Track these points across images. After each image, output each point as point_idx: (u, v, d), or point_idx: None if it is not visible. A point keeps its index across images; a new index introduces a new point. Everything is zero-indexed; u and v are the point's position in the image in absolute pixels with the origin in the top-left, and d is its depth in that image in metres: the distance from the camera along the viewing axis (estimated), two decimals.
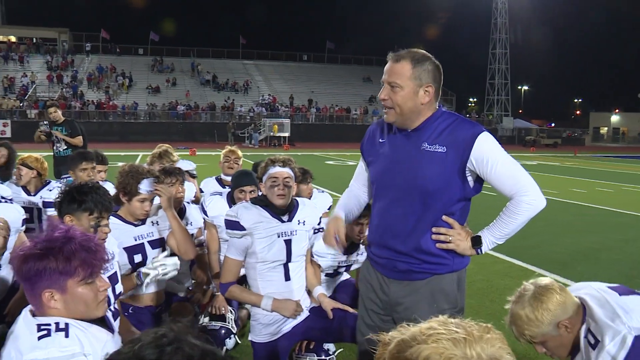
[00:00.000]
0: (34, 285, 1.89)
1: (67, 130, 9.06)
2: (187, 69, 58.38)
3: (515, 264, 7.29)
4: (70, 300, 1.93)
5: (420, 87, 2.51)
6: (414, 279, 2.63)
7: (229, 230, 3.33)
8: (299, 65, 64.72)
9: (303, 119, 50.20)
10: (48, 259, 1.88)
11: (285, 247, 3.32)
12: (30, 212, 5.13)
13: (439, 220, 2.56)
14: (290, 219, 3.37)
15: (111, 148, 32.03)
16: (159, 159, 5.26)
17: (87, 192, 2.91)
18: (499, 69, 69.47)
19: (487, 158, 2.45)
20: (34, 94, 47.33)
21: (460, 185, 2.52)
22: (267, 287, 3.34)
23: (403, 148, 2.60)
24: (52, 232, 1.94)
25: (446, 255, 2.60)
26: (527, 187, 2.48)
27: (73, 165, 5.07)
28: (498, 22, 68.35)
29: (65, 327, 1.88)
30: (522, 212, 2.49)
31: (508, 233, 2.57)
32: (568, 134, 60.26)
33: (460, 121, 2.56)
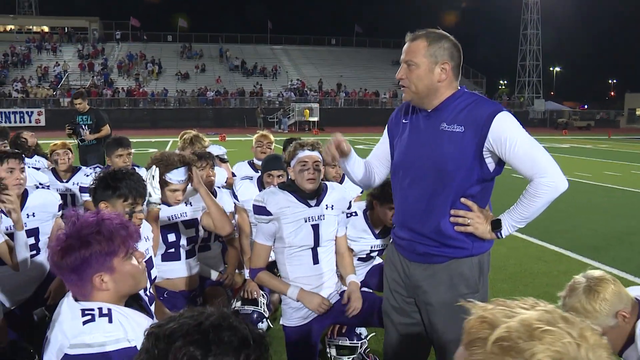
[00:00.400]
0: (83, 274, 1.90)
1: (92, 119, 9.07)
2: (215, 55, 58.62)
3: (548, 248, 7.20)
4: (120, 278, 1.95)
5: (436, 64, 2.49)
6: (433, 262, 2.61)
7: (256, 216, 3.34)
8: (328, 49, 64.44)
9: (332, 104, 50.06)
10: (91, 244, 1.89)
11: (313, 232, 3.31)
12: (64, 198, 5.23)
13: (457, 203, 2.52)
14: (318, 204, 3.35)
15: (142, 134, 32.48)
16: (190, 145, 5.29)
17: (121, 178, 2.91)
18: (530, 50, 68.32)
19: (506, 138, 2.39)
20: (66, 82, 48.09)
21: (478, 166, 2.47)
22: (295, 271, 3.35)
23: (423, 128, 2.59)
24: (84, 219, 1.95)
25: (465, 238, 2.55)
26: (546, 168, 2.40)
27: (109, 152, 5.14)
28: (529, 1, 67.07)
29: (108, 313, 1.90)
30: (542, 194, 2.41)
31: (528, 216, 2.49)
32: (602, 116, 59.05)
33: (479, 101, 2.53)
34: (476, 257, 2.60)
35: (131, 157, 5.26)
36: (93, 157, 8.74)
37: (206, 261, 4.24)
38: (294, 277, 3.35)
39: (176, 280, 3.78)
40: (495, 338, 1.05)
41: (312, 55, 62.21)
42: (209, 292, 4.11)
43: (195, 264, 3.92)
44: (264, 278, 3.41)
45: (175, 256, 3.78)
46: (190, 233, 3.81)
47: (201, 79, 52.70)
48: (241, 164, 5.63)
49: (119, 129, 34.44)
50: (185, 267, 3.82)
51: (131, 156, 5.26)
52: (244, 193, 4.41)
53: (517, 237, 7.67)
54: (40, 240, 3.96)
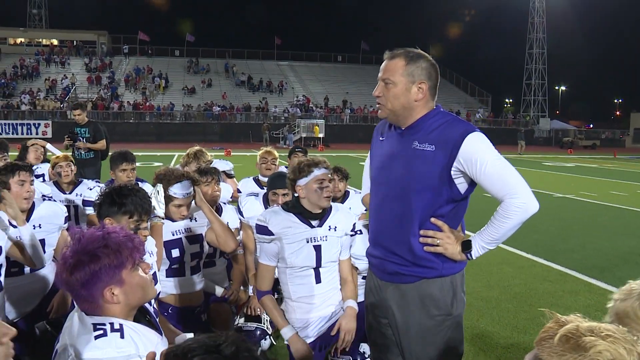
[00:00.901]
0: (93, 288, 1.90)
1: (90, 132, 8.90)
2: (222, 70, 58.94)
3: (553, 267, 7.15)
4: (129, 290, 1.96)
5: (413, 83, 2.50)
6: (403, 282, 2.58)
7: (258, 235, 3.33)
8: (334, 66, 64.75)
9: (337, 120, 50.18)
10: (100, 258, 1.89)
11: (315, 253, 3.29)
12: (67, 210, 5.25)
13: (427, 222, 2.49)
14: (321, 225, 3.34)
15: (147, 148, 32.59)
16: (194, 159, 5.30)
17: (127, 194, 2.91)
18: (535, 69, 68.44)
19: (476, 158, 2.37)
20: (74, 95, 48.38)
21: (447, 186, 2.45)
22: (298, 290, 3.33)
23: (397, 146, 2.59)
24: (90, 234, 1.96)
25: (435, 259, 2.51)
26: (517, 189, 2.37)
27: (113, 165, 5.15)
28: (535, 21, 67.32)
29: (120, 328, 1.90)
30: (512, 215, 2.38)
31: (498, 237, 2.46)
32: (607, 135, 58.98)
33: (452, 121, 2.50)
34: (447, 278, 2.55)
35: (135, 172, 5.25)
36: (90, 170, 8.62)
37: (211, 277, 4.23)
38: (296, 297, 3.33)
39: (180, 296, 3.76)
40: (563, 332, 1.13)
41: (319, 71, 62.51)
42: (214, 308, 4.09)
43: (199, 280, 3.91)
44: (267, 304, 3.37)
45: (179, 272, 3.77)
46: (194, 248, 3.80)
47: (207, 93, 52.94)
48: (247, 180, 5.63)
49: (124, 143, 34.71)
50: (189, 283, 3.81)
51: (135, 171, 5.25)
52: (249, 210, 4.41)
53: (522, 257, 7.64)
54: (45, 252, 3.96)
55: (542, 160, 31.65)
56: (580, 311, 4.48)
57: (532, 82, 68.56)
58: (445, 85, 63.25)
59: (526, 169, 24.34)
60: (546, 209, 12.33)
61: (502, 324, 5.07)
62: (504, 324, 5.06)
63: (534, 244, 8.40)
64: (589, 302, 5.69)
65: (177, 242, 3.71)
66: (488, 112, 57.43)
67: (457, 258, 2.50)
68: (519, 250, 8.01)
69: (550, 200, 13.79)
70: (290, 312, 3.39)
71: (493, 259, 7.46)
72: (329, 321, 3.39)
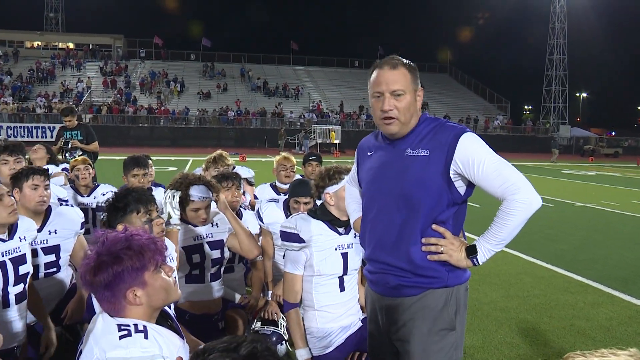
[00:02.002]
0: (115, 289, 1.96)
1: (82, 135, 8.90)
2: (237, 74, 59.27)
3: (574, 278, 7.09)
4: (152, 292, 2.01)
5: (415, 91, 2.49)
6: (406, 295, 2.51)
7: (285, 242, 3.35)
8: (350, 71, 64.82)
9: (354, 126, 50.19)
10: (123, 259, 1.95)
11: (342, 260, 3.33)
12: (85, 212, 5.30)
13: (429, 230, 2.44)
14: (347, 232, 3.38)
15: (162, 153, 32.79)
16: (214, 164, 5.33)
17: (125, 195, 3.01)
18: (556, 76, 68.00)
19: (473, 159, 2.34)
20: (89, 98, 48.89)
21: (447, 190, 2.41)
22: (322, 299, 3.36)
23: (388, 157, 2.55)
24: (113, 236, 2.01)
25: (439, 268, 2.45)
26: (517, 184, 2.32)
27: (125, 171, 5.19)
28: (556, 27, 66.91)
29: (144, 329, 1.95)
30: (516, 212, 2.31)
31: (504, 238, 2.38)
32: (630, 143, 58.38)
33: (443, 124, 2.48)
34: (452, 289, 2.49)
35: (147, 177, 5.24)
36: None
37: (229, 283, 4.25)
38: (319, 306, 3.36)
39: (199, 303, 3.77)
40: None
41: (335, 76, 62.61)
42: (230, 314, 4.11)
43: (219, 287, 3.93)
44: (292, 319, 3.37)
45: (199, 278, 3.78)
46: (215, 254, 3.82)
47: (223, 98, 53.22)
48: (264, 187, 5.65)
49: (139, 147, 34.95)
50: (209, 290, 3.83)
51: (147, 177, 5.23)
52: (269, 216, 4.43)
53: (542, 267, 7.58)
54: (61, 257, 4.01)
55: (562, 168, 31.37)
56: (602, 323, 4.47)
57: (552, 89, 68.11)
58: (463, 92, 63.04)
59: (546, 177, 24.17)
60: (567, 218, 12.25)
61: (522, 335, 5.04)
62: (524, 336, 5.02)
63: (555, 254, 8.34)
64: (611, 314, 5.63)
65: (198, 247, 3.74)
66: (507, 119, 57.09)
67: (463, 265, 2.44)
68: (538, 260, 7.96)
69: (571, 210, 13.68)
70: (311, 321, 3.40)
71: (512, 269, 7.41)
72: (349, 331, 3.41)
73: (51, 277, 4.00)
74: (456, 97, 60.47)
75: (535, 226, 10.94)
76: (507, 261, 7.82)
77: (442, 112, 52.68)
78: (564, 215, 12.58)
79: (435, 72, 66.22)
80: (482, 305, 5.84)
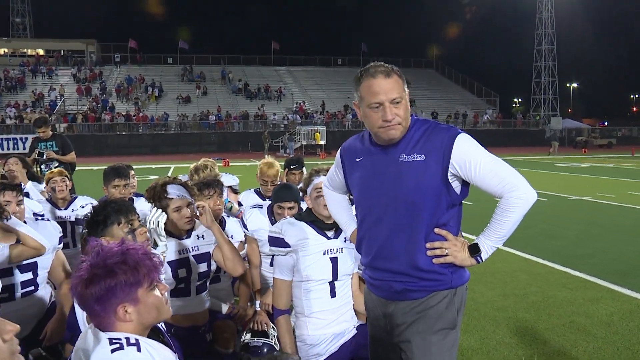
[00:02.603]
0: (106, 304, 1.94)
1: (57, 145, 8.73)
2: (217, 77, 59.17)
3: (572, 274, 7.13)
4: (143, 310, 1.99)
5: (407, 95, 2.56)
6: (412, 299, 2.59)
7: (273, 248, 3.36)
8: (334, 70, 64.97)
9: (339, 126, 50.25)
10: (117, 274, 1.93)
11: (331, 265, 3.32)
12: (63, 226, 5.25)
13: (432, 234, 2.52)
14: (337, 236, 3.37)
15: (142, 161, 32.65)
16: (196, 173, 5.29)
17: (103, 207, 2.99)
18: (545, 66, 68.52)
19: (469, 160, 2.43)
20: (62, 107, 48.52)
21: (446, 192, 2.49)
22: (312, 305, 3.34)
23: (381, 163, 2.58)
24: (109, 249, 2.00)
25: (444, 270, 2.54)
26: (514, 182, 2.44)
27: (106, 181, 5.14)
28: (543, 16, 67.40)
29: (136, 342, 1.94)
30: (514, 208, 2.43)
31: (505, 234, 2.50)
32: (624, 133, 58.92)
33: (434, 126, 2.54)
34: (455, 290, 2.59)
35: (128, 188, 5.21)
36: None
37: (216, 293, 4.22)
38: (309, 312, 3.35)
39: (185, 316, 3.73)
40: None
41: (318, 76, 62.73)
42: (218, 325, 4.08)
43: (206, 299, 3.89)
44: (281, 325, 3.38)
45: (185, 292, 3.74)
46: (202, 268, 3.78)
47: (203, 102, 53.13)
48: (248, 193, 5.59)
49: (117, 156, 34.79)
50: (195, 303, 3.79)
51: (128, 188, 5.20)
52: (253, 222, 4.40)
53: (538, 263, 7.62)
54: (38, 275, 3.93)
55: (555, 161, 31.64)
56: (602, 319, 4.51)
57: (542, 80, 68.62)
58: (450, 87, 63.37)
59: (538, 170, 24.33)
60: (562, 212, 12.33)
61: (520, 334, 5.05)
62: (522, 335, 5.04)
63: (550, 250, 8.39)
64: (612, 309, 5.67)
65: (184, 261, 3.69)
66: (496, 113, 57.47)
67: (467, 264, 2.54)
68: (534, 256, 8.01)
69: (566, 204, 13.79)
70: (302, 328, 3.39)
71: (507, 266, 7.45)
72: (342, 339, 3.39)
73: (29, 297, 3.92)
74: (443, 92, 60.74)
75: (529, 221, 10.99)
76: (502, 259, 7.85)
77: (430, 108, 52.94)
78: (558, 210, 12.67)
79: (421, 67, 66.49)
80: (479, 305, 5.86)
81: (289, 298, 3.42)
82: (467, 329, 5.12)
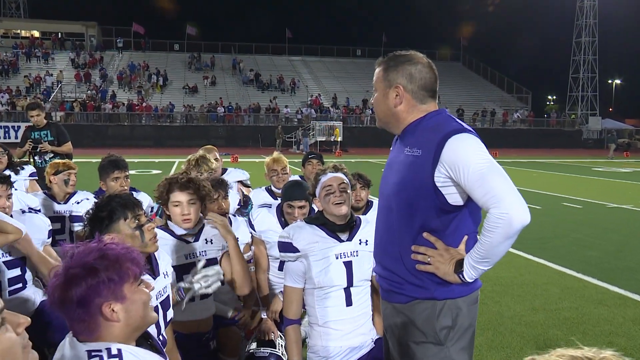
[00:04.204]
0: (91, 305, 1.89)
1: (52, 135, 8.57)
2: (227, 66, 59.36)
3: (609, 289, 7.04)
4: (131, 307, 1.94)
5: (389, 88, 2.62)
6: (394, 301, 2.66)
7: (282, 254, 3.37)
8: (352, 61, 65.06)
9: (357, 122, 50.25)
10: (98, 270, 1.88)
11: (346, 270, 3.30)
12: (61, 221, 5.25)
13: (420, 237, 2.52)
14: (350, 239, 3.35)
15: (144, 154, 32.81)
16: (196, 167, 5.27)
17: (107, 202, 2.95)
18: (584, 61, 68.11)
19: (458, 163, 2.37)
20: (59, 94, 48.83)
21: (434, 195, 2.44)
22: (326, 314, 3.33)
23: (393, 155, 2.75)
24: (85, 247, 1.96)
25: (425, 278, 2.52)
26: (499, 196, 2.29)
27: (104, 174, 5.13)
28: (585, 4, 66.90)
29: (118, 353, 1.89)
30: (494, 228, 2.30)
31: (486, 256, 2.37)
32: None
33: (443, 122, 2.52)
34: (443, 302, 2.53)
35: (129, 180, 5.23)
36: None
37: (220, 297, 4.21)
38: (323, 322, 3.34)
39: (188, 322, 3.73)
40: None
41: (335, 67, 62.82)
42: (222, 333, 4.09)
43: (211, 305, 3.89)
44: (289, 336, 3.38)
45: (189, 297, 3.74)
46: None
47: (211, 93, 53.32)
48: (258, 191, 5.61)
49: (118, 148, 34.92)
50: (199, 309, 3.78)
51: (128, 180, 5.23)
52: (261, 223, 4.40)
53: (572, 276, 7.55)
54: (27, 271, 3.95)
55: (592, 165, 31.36)
56: None
57: (580, 76, 68.23)
58: (478, 81, 63.11)
59: (573, 175, 24.17)
60: (599, 221, 12.21)
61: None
62: None
63: (586, 262, 8.31)
64: None
65: (190, 266, 3.68)
66: (528, 111, 57.15)
67: (450, 279, 2.49)
68: (567, 268, 7.93)
69: (604, 212, 13.64)
70: (315, 339, 3.39)
71: (537, 278, 7.39)
72: (358, 353, 3.36)
73: (17, 295, 3.94)
74: (471, 87, 60.59)
75: (562, 230, 10.95)
76: (531, 270, 7.79)
77: (455, 104, 52.73)
78: (595, 218, 12.53)
79: (447, 60, 66.34)
80: (504, 319, 5.81)
81: (299, 307, 3.41)
82: (491, 345, 5.08)
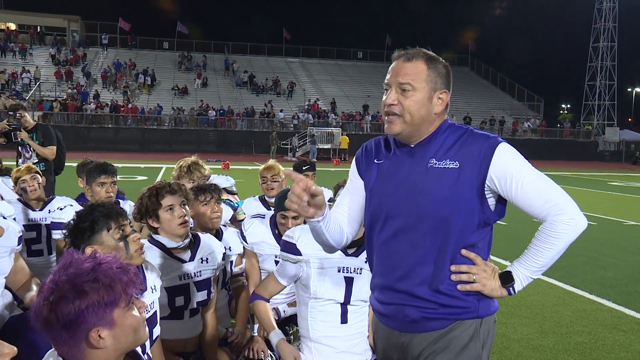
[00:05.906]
0: (77, 330, 1.87)
1: (38, 137, 8.48)
2: (220, 67, 59.43)
3: (626, 313, 7.04)
4: (119, 334, 1.94)
5: (435, 91, 2.50)
6: (430, 329, 2.53)
7: (283, 252, 3.41)
8: (353, 64, 65.23)
9: (357, 128, 50.29)
10: (88, 293, 1.86)
11: (345, 286, 3.32)
12: (37, 229, 5.25)
13: (458, 256, 2.48)
14: (357, 254, 3.37)
15: (129, 159, 32.74)
16: (187, 174, 5.30)
17: (89, 212, 2.95)
18: (602, 67, 68.21)
19: (511, 175, 2.39)
20: (37, 92, 48.66)
21: (479, 208, 2.45)
22: (319, 328, 3.37)
23: (407, 167, 2.56)
24: (78, 265, 1.94)
25: (469, 297, 2.50)
26: (561, 204, 2.39)
27: (90, 179, 5.14)
28: (604, 6, 66.91)
29: None
30: (560, 235, 2.38)
31: (545, 264, 2.45)
32: None
33: (472, 132, 2.53)
34: (481, 321, 2.53)
35: (115, 186, 5.25)
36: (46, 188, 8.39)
37: None
38: (315, 336, 3.37)
39: (174, 341, 3.73)
40: None
41: (335, 70, 62.86)
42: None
43: (198, 323, 3.88)
44: (259, 308, 3.54)
45: (177, 316, 3.74)
46: (201, 296, 3.79)
47: (202, 95, 53.33)
48: (250, 200, 5.64)
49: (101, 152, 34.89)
50: (187, 327, 3.80)
51: (115, 186, 5.25)
52: (253, 234, 4.41)
53: (585, 298, 7.55)
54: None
55: (609, 179, 31.37)
56: None
57: (597, 83, 68.33)
58: (487, 88, 63.22)
59: (588, 189, 24.17)
60: (615, 239, 12.20)
61: None
62: None
63: (600, 283, 8.30)
64: None
65: (183, 288, 3.69)
66: (540, 121, 57.20)
67: (497, 294, 2.50)
68: (579, 290, 7.93)
69: (621, 229, 13.68)
70: (307, 354, 3.42)
71: (547, 300, 7.39)
72: None
73: None
74: (479, 94, 60.69)
75: (575, 249, 10.83)
76: (540, 290, 7.79)
77: (462, 112, 52.80)
78: (611, 236, 12.56)
79: (454, 65, 66.10)
80: (511, 342, 5.82)
81: (271, 295, 3.59)
82: None
